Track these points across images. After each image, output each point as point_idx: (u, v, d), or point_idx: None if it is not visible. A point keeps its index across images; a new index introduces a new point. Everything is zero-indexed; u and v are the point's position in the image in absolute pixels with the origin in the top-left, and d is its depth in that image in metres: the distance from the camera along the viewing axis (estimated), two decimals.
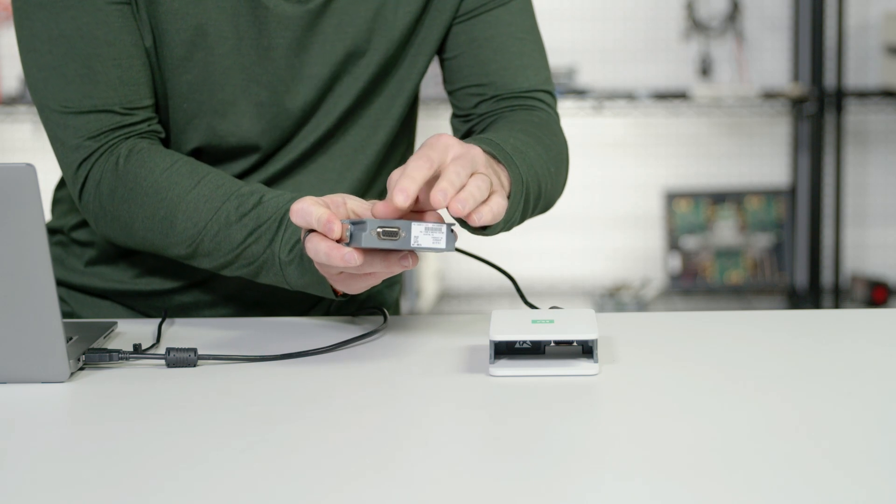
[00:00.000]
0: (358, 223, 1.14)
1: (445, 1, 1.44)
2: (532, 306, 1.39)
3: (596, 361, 1.17)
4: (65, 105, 1.35)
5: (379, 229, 1.11)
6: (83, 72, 1.35)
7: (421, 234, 1.10)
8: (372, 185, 1.49)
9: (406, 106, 1.47)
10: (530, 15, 1.49)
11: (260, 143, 1.41)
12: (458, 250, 1.26)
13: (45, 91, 1.36)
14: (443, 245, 1.11)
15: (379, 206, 1.15)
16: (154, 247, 1.37)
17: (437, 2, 1.44)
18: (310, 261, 1.26)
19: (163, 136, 1.41)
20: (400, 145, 1.52)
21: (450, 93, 1.50)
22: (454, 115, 1.51)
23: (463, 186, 1.16)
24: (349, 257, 1.15)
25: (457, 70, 1.48)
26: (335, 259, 1.15)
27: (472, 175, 1.18)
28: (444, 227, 1.12)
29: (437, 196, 1.13)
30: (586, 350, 1.19)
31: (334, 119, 1.43)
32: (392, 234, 1.11)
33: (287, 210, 1.29)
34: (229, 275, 1.35)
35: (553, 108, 1.50)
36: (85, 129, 1.36)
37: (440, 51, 1.48)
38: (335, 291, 1.29)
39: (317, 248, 1.16)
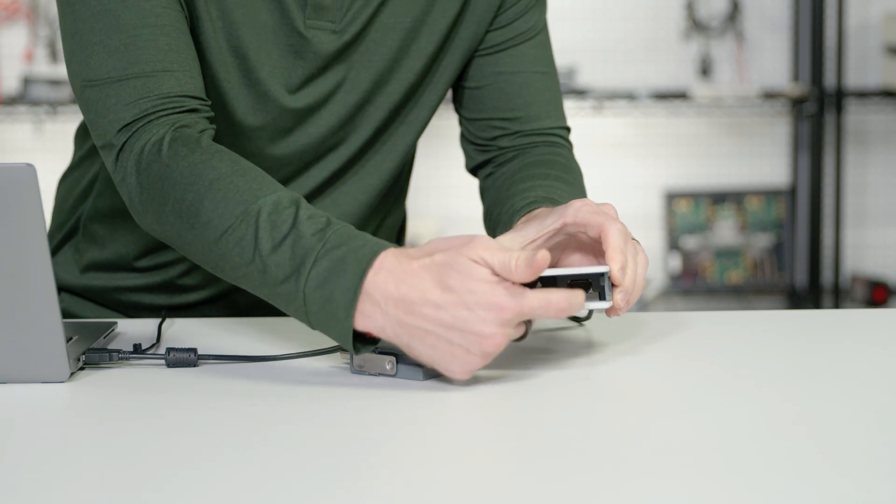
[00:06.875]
0: None
1: (466, 31, 1.43)
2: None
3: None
4: (107, 75, 1.26)
5: None
6: (128, 41, 1.26)
7: None
8: (374, 212, 1.48)
9: (418, 134, 1.46)
10: (549, 46, 1.49)
11: (278, 170, 1.39)
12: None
13: (87, 67, 1.27)
14: None
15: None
16: (181, 238, 1.22)
17: (456, 35, 1.42)
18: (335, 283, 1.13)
19: (213, 131, 1.30)
20: (403, 171, 1.52)
21: (468, 119, 1.49)
22: (469, 142, 1.50)
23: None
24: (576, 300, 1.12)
25: (479, 100, 1.47)
26: (576, 307, 1.12)
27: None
28: None
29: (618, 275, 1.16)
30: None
31: (357, 146, 1.42)
32: None
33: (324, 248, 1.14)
34: (247, 286, 1.21)
35: (570, 143, 1.50)
36: (129, 95, 1.26)
37: (459, 78, 1.47)
38: (358, 337, 1.15)
39: (548, 300, 1.11)
